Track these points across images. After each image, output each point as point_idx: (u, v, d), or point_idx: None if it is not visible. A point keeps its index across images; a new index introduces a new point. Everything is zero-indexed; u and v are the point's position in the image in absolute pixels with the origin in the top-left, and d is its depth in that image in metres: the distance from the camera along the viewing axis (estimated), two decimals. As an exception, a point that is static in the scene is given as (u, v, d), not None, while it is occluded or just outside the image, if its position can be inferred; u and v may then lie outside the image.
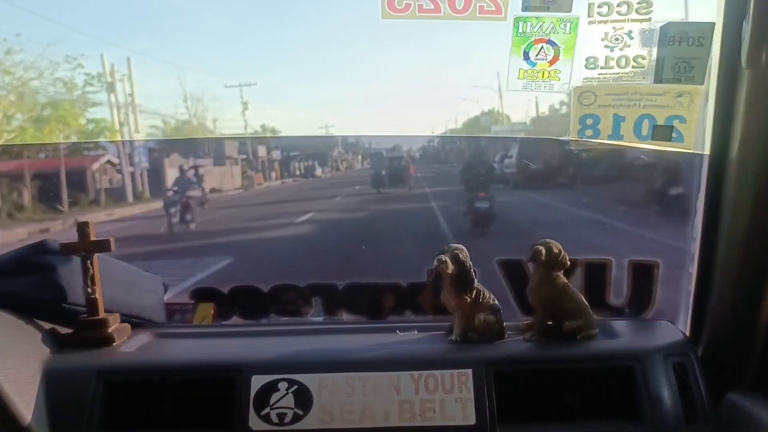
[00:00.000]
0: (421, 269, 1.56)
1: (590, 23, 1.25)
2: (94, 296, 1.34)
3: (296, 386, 1.20)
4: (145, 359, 1.32)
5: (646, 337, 1.36)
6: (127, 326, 1.42)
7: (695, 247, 1.33)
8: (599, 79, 1.28)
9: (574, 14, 1.25)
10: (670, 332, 1.38)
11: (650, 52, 1.24)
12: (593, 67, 1.27)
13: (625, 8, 1.22)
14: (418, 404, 1.19)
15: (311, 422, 1.17)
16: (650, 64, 1.25)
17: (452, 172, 13.89)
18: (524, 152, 11.63)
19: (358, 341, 1.40)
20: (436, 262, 1.28)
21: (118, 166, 16.48)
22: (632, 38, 1.24)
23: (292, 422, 1.17)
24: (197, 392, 1.23)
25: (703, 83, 1.22)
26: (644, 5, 1.22)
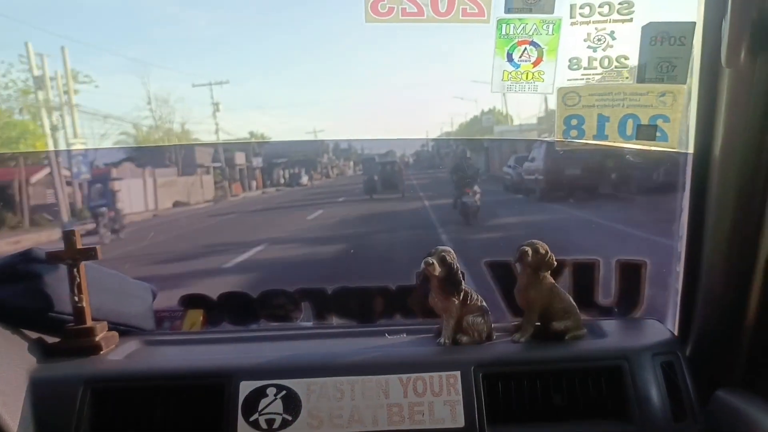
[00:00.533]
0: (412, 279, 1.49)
1: (573, 24, 1.25)
2: (81, 304, 1.34)
3: (284, 392, 1.20)
4: (133, 367, 1.31)
5: (634, 336, 1.36)
6: (115, 334, 1.42)
7: (681, 245, 1.33)
8: (583, 79, 1.28)
9: (556, 15, 1.25)
10: (658, 331, 1.38)
11: (633, 52, 1.25)
12: (577, 67, 1.28)
13: (606, 9, 1.23)
14: (406, 407, 1.19)
15: (300, 427, 1.17)
16: (633, 64, 1.26)
17: (447, 178, 12.64)
18: (554, 154, 9.60)
19: (346, 345, 1.39)
20: (423, 264, 1.28)
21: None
22: (615, 38, 1.25)
23: (280, 428, 1.16)
24: (186, 399, 1.22)
25: (685, 82, 1.23)
26: (625, 6, 1.22)
